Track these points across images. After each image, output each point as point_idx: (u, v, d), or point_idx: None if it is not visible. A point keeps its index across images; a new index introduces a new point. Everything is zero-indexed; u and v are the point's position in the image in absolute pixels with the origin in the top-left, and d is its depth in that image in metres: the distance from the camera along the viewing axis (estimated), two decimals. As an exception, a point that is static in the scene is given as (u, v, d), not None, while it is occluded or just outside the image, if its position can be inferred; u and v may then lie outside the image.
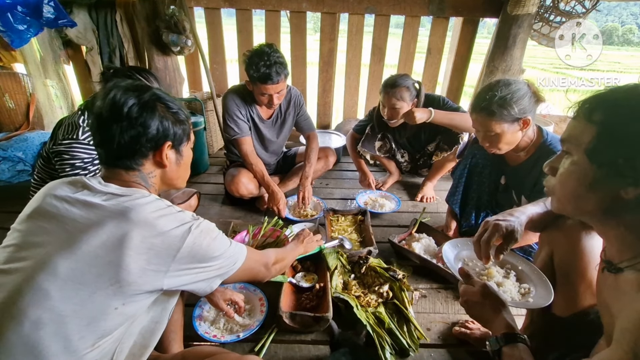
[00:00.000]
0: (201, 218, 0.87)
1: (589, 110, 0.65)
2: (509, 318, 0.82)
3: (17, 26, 2.11)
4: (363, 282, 1.51)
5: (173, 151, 0.91)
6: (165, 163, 0.89)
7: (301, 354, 1.24)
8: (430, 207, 2.27)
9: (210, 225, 0.87)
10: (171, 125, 0.87)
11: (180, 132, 0.90)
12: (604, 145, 0.62)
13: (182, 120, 0.91)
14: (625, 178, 0.60)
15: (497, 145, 1.41)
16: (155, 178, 0.91)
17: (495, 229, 0.96)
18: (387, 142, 2.37)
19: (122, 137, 0.82)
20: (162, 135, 0.86)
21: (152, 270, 0.75)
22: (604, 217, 0.68)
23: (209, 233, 0.85)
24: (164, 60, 2.75)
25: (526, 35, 2.63)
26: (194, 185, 2.41)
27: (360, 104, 3.35)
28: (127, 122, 0.81)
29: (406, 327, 1.31)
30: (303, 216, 2.05)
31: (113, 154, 0.84)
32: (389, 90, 2.00)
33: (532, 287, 1.12)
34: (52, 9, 2.20)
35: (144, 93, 0.85)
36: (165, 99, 0.89)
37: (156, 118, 0.84)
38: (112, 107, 0.81)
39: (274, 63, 1.73)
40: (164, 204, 0.83)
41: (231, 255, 0.90)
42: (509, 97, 1.32)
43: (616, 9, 37.02)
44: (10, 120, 2.67)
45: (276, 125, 2.15)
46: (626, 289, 0.65)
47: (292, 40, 3.04)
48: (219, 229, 0.91)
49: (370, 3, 2.81)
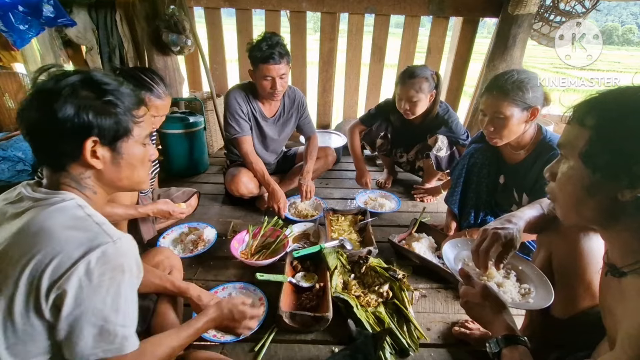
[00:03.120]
0: (125, 239, 0.71)
1: (582, 115, 0.66)
2: (509, 320, 0.82)
3: (19, 26, 2.11)
4: (363, 282, 1.51)
5: (105, 148, 0.76)
6: (91, 163, 0.75)
7: (301, 354, 1.24)
8: (430, 207, 2.27)
9: (125, 261, 0.70)
10: (94, 116, 0.71)
11: (111, 125, 0.74)
12: (598, 149, 0.63)
13: (117, 110, 0.75)
14: (621, 180, 0.60)
15: (501, 132, 1.40)
16: (91, 179, 0.78)
17: (494, 238, 0.96)
18: (387, 142, 2.37)
19: (31, 130, 0.72)
20: (79, 128, 0.71)
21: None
22: (606, 221, 0.68)
23: (114, 271, 0.68)
24: (164, 60, 2.75)
25: (526, 35, 2.63)
26: (194, 185, 2.41)
27: (360, 103, 3.35)
28: (36, 111, 0.70)
29: (406, 327, 1.31)
30: (303, 216, 2.05)
31: (33, 150, 0.76)
32: (407, 81, 1.93)
33: (533, 287, 1.11)
34: (51, 7, 2.20)
35: (69, 76, 0.72)
36: (99, 82, 0.74)
37: (70, 106, 0.69)
38: (31, 95, 0.71)
39: (277, 44, 1.78)
40: (82, 212, 0.71)
41: (122, 325, 0.70)
42: (525, 81, 1.33)
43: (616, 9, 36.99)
44: (10, 120, 2.67)
45: (278, 123, 2.15)
46: (630, 293, 0.65)
47: (292, 40, 3.04)
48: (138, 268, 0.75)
49: (370, 3, 2.81)
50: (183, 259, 1.58)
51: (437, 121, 2.11)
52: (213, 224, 1.89)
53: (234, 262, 1.65)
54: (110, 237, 0.69)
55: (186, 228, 1.85)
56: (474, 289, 0.88)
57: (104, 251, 0.67)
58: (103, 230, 0.69)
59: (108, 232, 0.69)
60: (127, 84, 0.80)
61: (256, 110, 2.03)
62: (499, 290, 1.11)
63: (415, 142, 2.28)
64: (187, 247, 1.73)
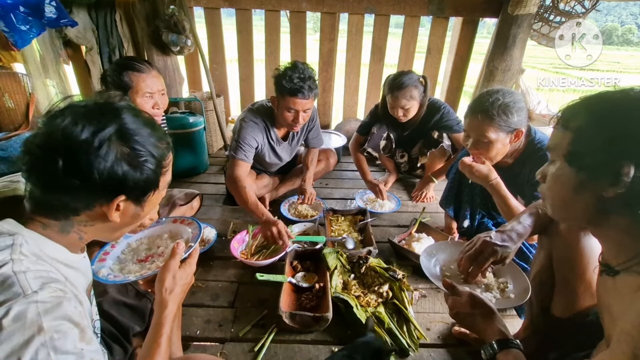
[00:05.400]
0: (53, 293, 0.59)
1: (566, 119, 0.70)
2: (501, 324, 0.86)
3: (20, 27, 2.11)
4: (363, 282, 1.51)
5: (130, 203, 0.69)
6: (113, 218, 0.68)
7: (301, 354, 1.24)
8: (430, 207, 2.27)
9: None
10: (128, 174, 0.64)
11: (143, 182, 0.67)
12: (580, 150, 0.67)
13: (149, 166, 0.67)
14: (604, 178, 0.63)
15: (486, 154, 1.38)
16: (88, 227, 0.70)
17: (491, 255, 1.00)
18: (390, 143, 2.37)
19: (45, 179, 0.62)
20: (110, 187, 0.64)
21: None
22: (595, 219, 0.70)
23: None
24: (164, 60, 2.75)
25: (526, 35, 2.63)
26: (194, 186, 2.41)
27: (360, 103, 3.36)
28: (60, 162, 0.60)
29: (406, 327, 1.31)
30: (303, 216, 2.05)
31: (29, 194, 0.65)
32: (397, 93, 1.95)
33: (509, 280, 1.16)
34: (53, 8, 2.20)
35: (107, 125, 0.63)
36: (133, 132, 0.66)
37: (105, 164, 0.62)
38: (55, 141, 0.60)
39: (308, 77, 1.72)
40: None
41: None
42: (511, 105, 1.30)
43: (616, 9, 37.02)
44: (9, 120, 2.66)
45: (292, 144, 2.15)
46: (624, 291, 0.66)
47: (291, 40, 3.04)
48: None
49: (370, 3, 2.81)
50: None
51: (429, 112, 2.13)
52: (213, 224, 1.89)
53: (234, 262, 1.65)
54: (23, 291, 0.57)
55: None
56: (462, 299, 0.92)
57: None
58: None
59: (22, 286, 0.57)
60: (157, 126, 0.72)
61: (272, 138, 1.99)
62: (483, 291, 1.14)
63: (417, 139, 2.29)
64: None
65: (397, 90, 1.94)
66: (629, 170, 0.60)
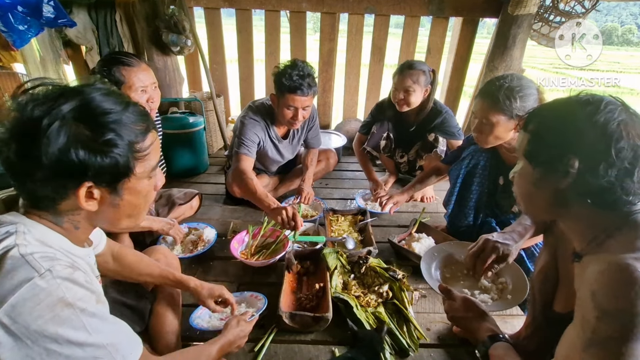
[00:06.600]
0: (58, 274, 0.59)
1: (526, 123, 0.79)
2: (491, 323, 0.96)
3: (18, 26, 2.11)
4: (363, 282, 1.51)
5: (103, 189, 0.64)
6: (85, 208, 0.64)
7: (301, 354, 1.24)
8: (430, 207, 2.27)
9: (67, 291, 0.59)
10: (88, 158, 0.59)
11: (109, 166, 0.62)
12: (536, 148, 0.76)
13: (117, 150, 0.62)
14: (556, 172, 0.71)
15: (486, 137, 1.41)
16: (80, 216, 0.68)
17: (492, 251, 1.10)
18: (390, 142, 2.37)
19: (9, 168, 0.60)
20: (69, 173, 0.59)
21: None
22: (559, 212, 0.78)
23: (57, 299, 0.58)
24: (164, 60, 2.75)
25: (526, 35, 2.63)
26: (194, 186, 2.41)
27: (360, 103, 3.36)
28: (15, 145, 0.58)
29: (406, 327, 1.31)
30: (303, 216, 2.05)
31: (14, 186, 0.65)
32: (405, 72, 1.99)
33: (509, 279, 1.17)
34: (52, 8, 2.20)
35: (63, 102, 0.58)
36: (99, 111, 0.60)
37: (57, 146, 0.56)
38: (14, 121, 0.58)
39: (308, 75, 1.74)
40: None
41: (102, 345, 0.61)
42: (516, 90, 1.32)
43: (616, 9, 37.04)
44: (9, 120, 2.67)
45: (293, 143, 2.16)
46: (586, 270, 0.72)
47: (291, 40, 3.04)
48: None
49: (370, 3, 2.81)
50: (183, 259, 1.58)
51: (431, 115, 2.14)
52: (213, 224, 1.88)
53: (233, 263, 1.65)
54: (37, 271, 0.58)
55: (186, 228, 1.84)
56: (456, 303, 1.02)
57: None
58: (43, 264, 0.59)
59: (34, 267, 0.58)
60: (133, 106, 0.67)
61: (273, 136, 2.02)
62: (479, 293, 1.21)
63: (415, 141, 2.29)
64: (187, 247, 1.73)
65: (407, 70, 1.98)
66: (574, 162, 0.68)
